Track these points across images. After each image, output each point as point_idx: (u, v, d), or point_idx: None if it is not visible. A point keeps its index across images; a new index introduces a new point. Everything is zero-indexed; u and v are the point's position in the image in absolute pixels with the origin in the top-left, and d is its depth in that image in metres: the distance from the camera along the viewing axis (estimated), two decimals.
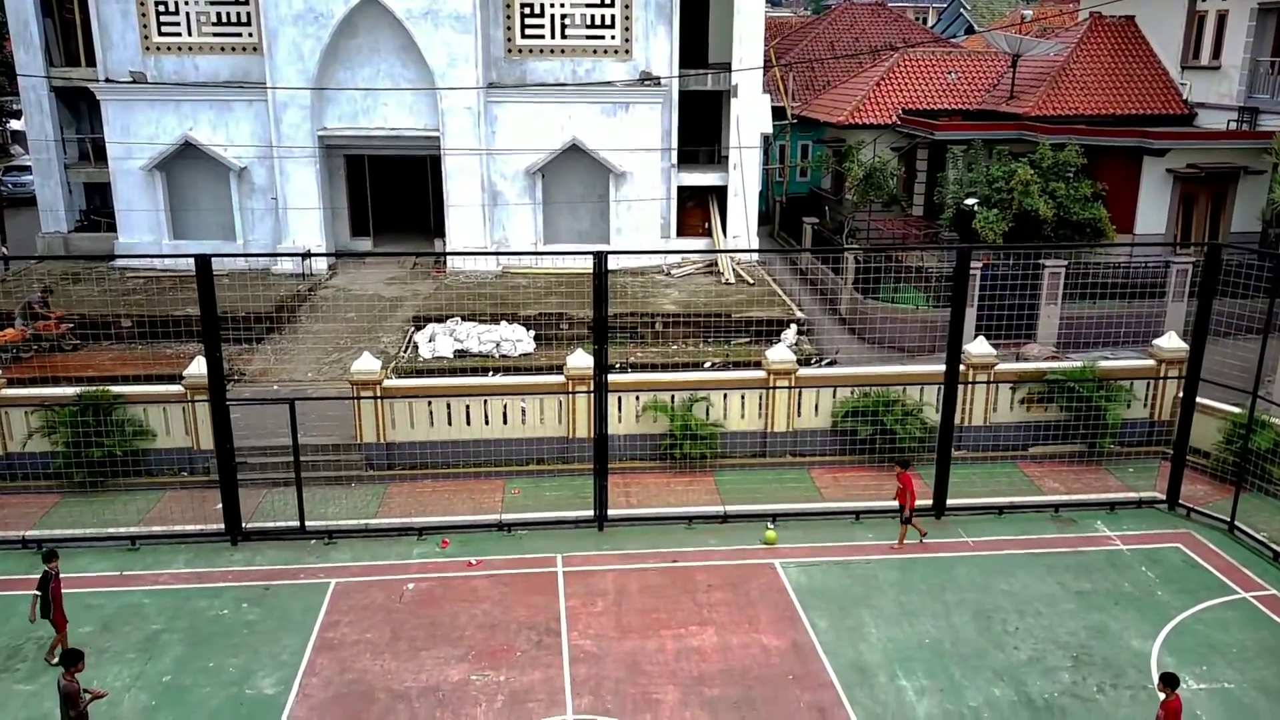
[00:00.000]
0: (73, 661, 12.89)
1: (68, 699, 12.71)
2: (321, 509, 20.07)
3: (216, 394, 18.46)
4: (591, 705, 14.32)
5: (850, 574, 17.95)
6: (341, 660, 15.37)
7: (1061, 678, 15.03)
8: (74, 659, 12.92)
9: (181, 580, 17.72)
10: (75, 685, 12.77)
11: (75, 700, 12.71)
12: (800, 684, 14.83)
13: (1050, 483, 21.65)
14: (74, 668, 12.84)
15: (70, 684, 12.74)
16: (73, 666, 12.84)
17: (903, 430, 21.73)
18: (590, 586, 17.46)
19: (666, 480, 21.48)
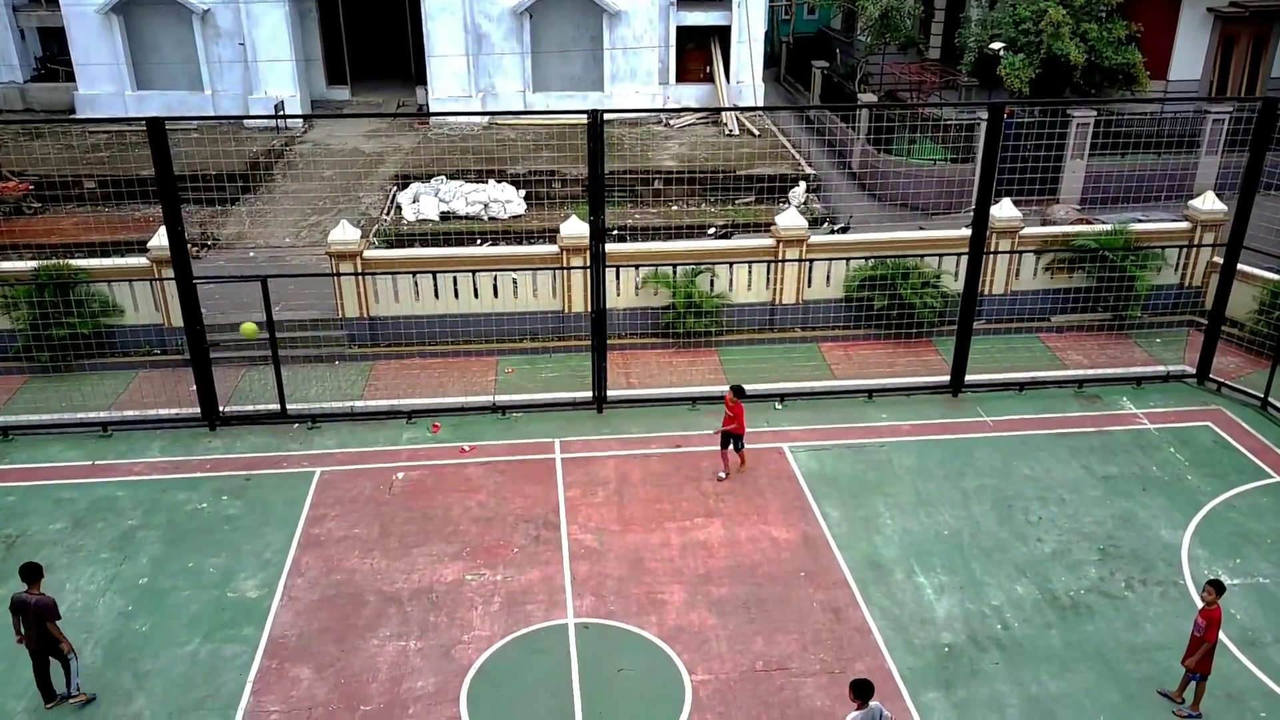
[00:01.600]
0: (36, 576, 11.94)
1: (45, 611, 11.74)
2: (303, 390, 18.97)
3: (182, 272, 17.03)
4: (593, 607, 13.57)
5: (863, 459, 17.01)
6: (328, 559, 14.55)
7: (1088, 573, 14.26)
8: (37, 573, 11.97)
9: (157, 470, 16.75)
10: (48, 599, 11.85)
11: (55, 611, 11.79)
12: (812, 581, 14.06)
13: (1073, 355, 20.52)
14: (36, 584, 11.89)
15: (41, 597, 11.80)
16: (35, 582, 11.89)
17: (919, 302, 20.43)
18: (590, 474, 16.53)
19: (668, 358, 20.31)
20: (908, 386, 19.14)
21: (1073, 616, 13.44)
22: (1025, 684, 12.30)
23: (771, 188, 27.10)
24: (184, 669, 12.52)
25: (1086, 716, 11.84)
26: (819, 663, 12.60)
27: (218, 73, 32.06)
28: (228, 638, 13.05)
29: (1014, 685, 12.28)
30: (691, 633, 13.09)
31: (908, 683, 12.30)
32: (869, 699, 9.81)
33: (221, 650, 12.85)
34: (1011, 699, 12.08)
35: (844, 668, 12.51)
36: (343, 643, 12.97)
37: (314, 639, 13.03)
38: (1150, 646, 12.91)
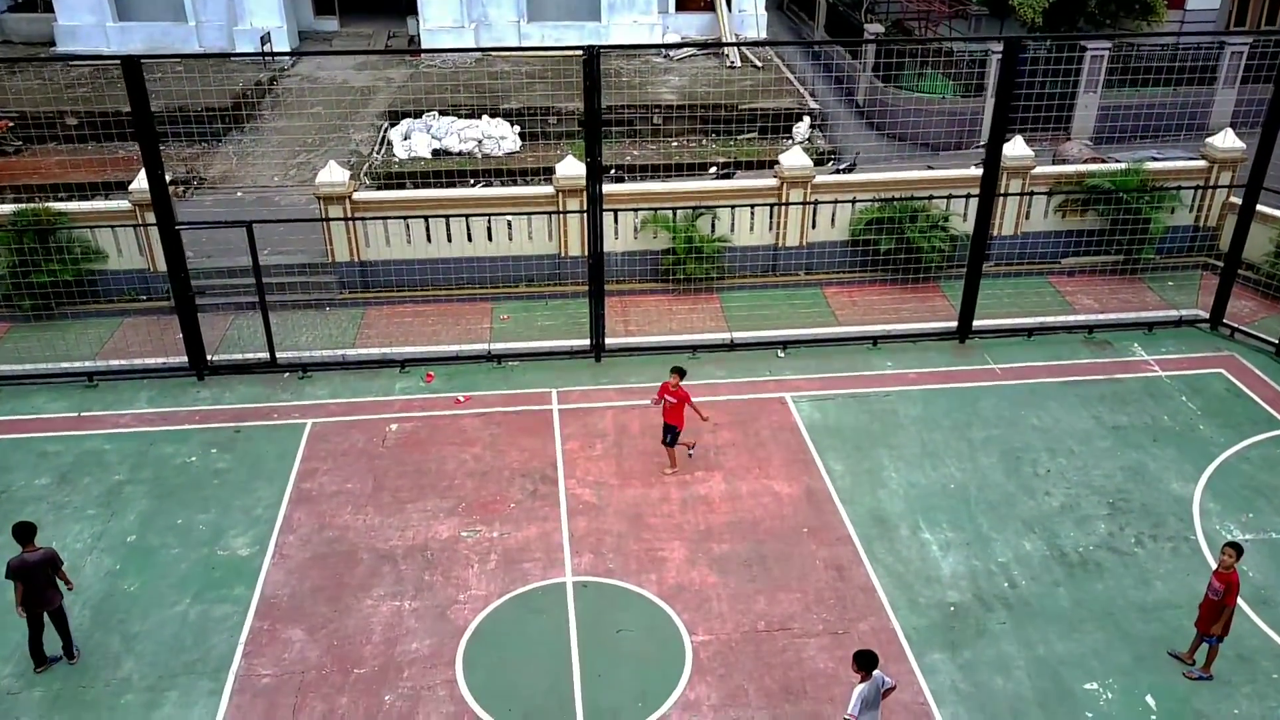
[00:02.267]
0: (29, 535, 11.47)
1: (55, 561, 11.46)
2: (293, 338, 18.49)
3: (164, 218, 16.42)
4: (592, 564, 13.28)
5: (867, 409, 16.61)
6: (320, 515, 14.22)
7: (1097, 528, 13.95)
8: (30, 532, 11.50)
9: (144, 422, 16.35)
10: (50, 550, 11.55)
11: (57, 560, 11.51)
12: (815, 537, 13.75)
13: (1083, 299, 20.00)
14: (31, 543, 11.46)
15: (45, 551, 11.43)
16: (30, 541, 11.44)
17: (926, 244, 19.84)
18: (588, 426, 16.14)
19: (668, 303, 19.79)
20: (914, 333, 18.65)
21: (1081, 574, 13.15)
22: (1033, 644, 12.05)
23: (775, 123, 26.27)
24: (173, 630, 12.25)
25: (1095, 678, 11.60)
26: (822, 623, 12.34)
27: (201, 3, 30.92)
28: (218, 598, 12.77)
29: (1021, 646, 12.02)
30: (692, 591, 12.81)
31: (912, 644, 12.05)
32: (873, 669, 9.52)
33: (211, 611, 12.57)
34: (1018, 660, 11.84)
35: (847, 628, 12.25)
36: (336, 603, 12.69)
37: (306, 599, 12.75)
38: (1160, 605, 12.64)
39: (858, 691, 9.41)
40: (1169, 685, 11.53)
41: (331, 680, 11.59)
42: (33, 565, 11.31)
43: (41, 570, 11.35)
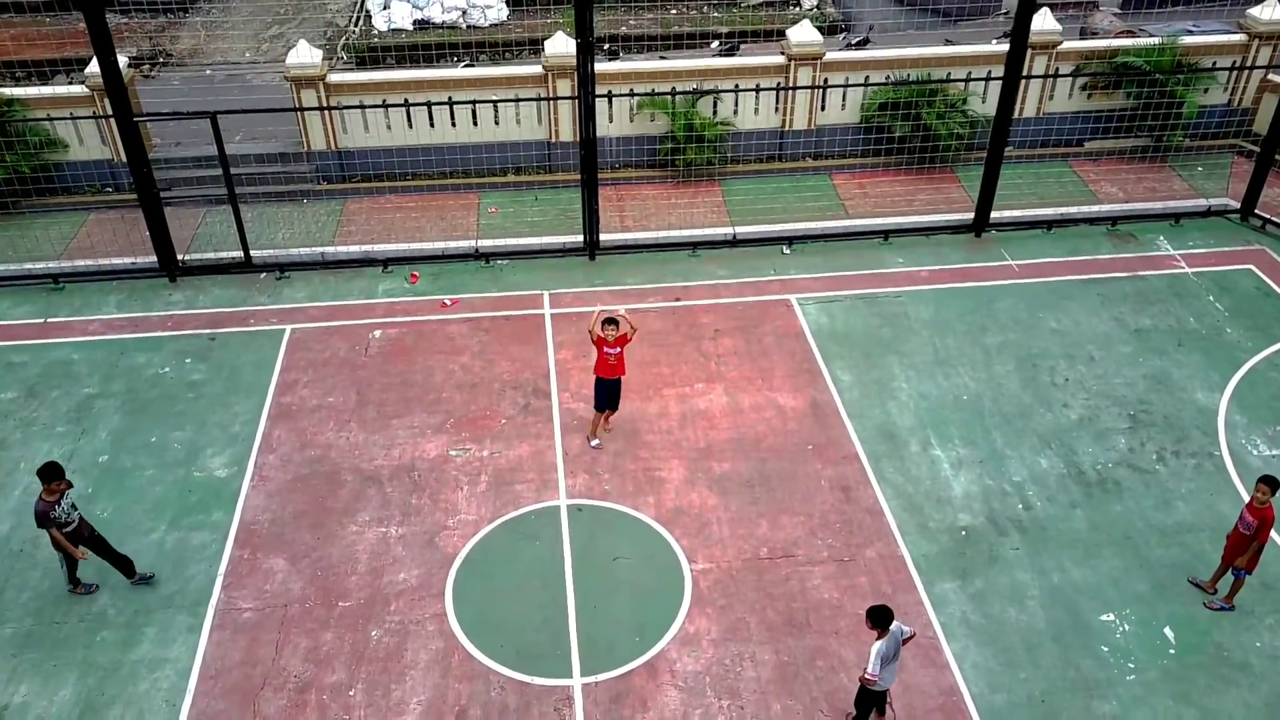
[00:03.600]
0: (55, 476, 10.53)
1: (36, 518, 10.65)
2: (269, 234, 17.45)
3: (121, 109, 15.15)
4: (586, 486, 12.66)
5: (877, 311, 15.73)
6: (301, 432, 13.53)
7: (1116, 443, 13.28)
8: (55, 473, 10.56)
9: (114, 329, 15.49)
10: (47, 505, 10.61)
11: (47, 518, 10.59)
12: (820, 455, 13.10)
13: (1106, 186, 18.86)
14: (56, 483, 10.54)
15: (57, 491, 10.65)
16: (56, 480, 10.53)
17: (943, 128, 18.55)
18: (582, 332, 15.19)
19: (666, 193, 18.64)
20: (927, 227, 17.60)
21: (1099, 494, 12.55)
22: (1047, 572, 11.53)
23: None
24: (149, 560, 11.70)
25: (1111, 609, 11.12)
26: (827, 549, 11.80)
27: None
28: (195, 524, 12.20)
29: (1035, 574, 11.51)
30: (691, 515, 12.23)
31: (921, 572, 11.52)
32: (889, 625, 8.96)
33: (189, 538, 12.01)
34: (1032, 589, 11.34)
35: (853, 555, 11.71)
36: (319, 529, 12.12)
37: (288, 525, 12.18)
38: (1181, 528, 12.07)
39: (876, 650, 8.85)
40: (1189, 616, 11.06)
41: (315, 614, 11.10)
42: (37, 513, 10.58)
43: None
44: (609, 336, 12.47)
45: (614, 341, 12.52)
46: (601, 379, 12.83)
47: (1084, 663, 10.55)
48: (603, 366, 12.70)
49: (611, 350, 12.58)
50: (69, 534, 10.72)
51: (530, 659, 10.60)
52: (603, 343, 12.54)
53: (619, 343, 12.57)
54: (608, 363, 12.66)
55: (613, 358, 12.64)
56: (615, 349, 12.59)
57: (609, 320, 12.54)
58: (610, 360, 12.64)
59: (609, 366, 12.70)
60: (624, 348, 12.67)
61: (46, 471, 10.58)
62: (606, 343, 12.52)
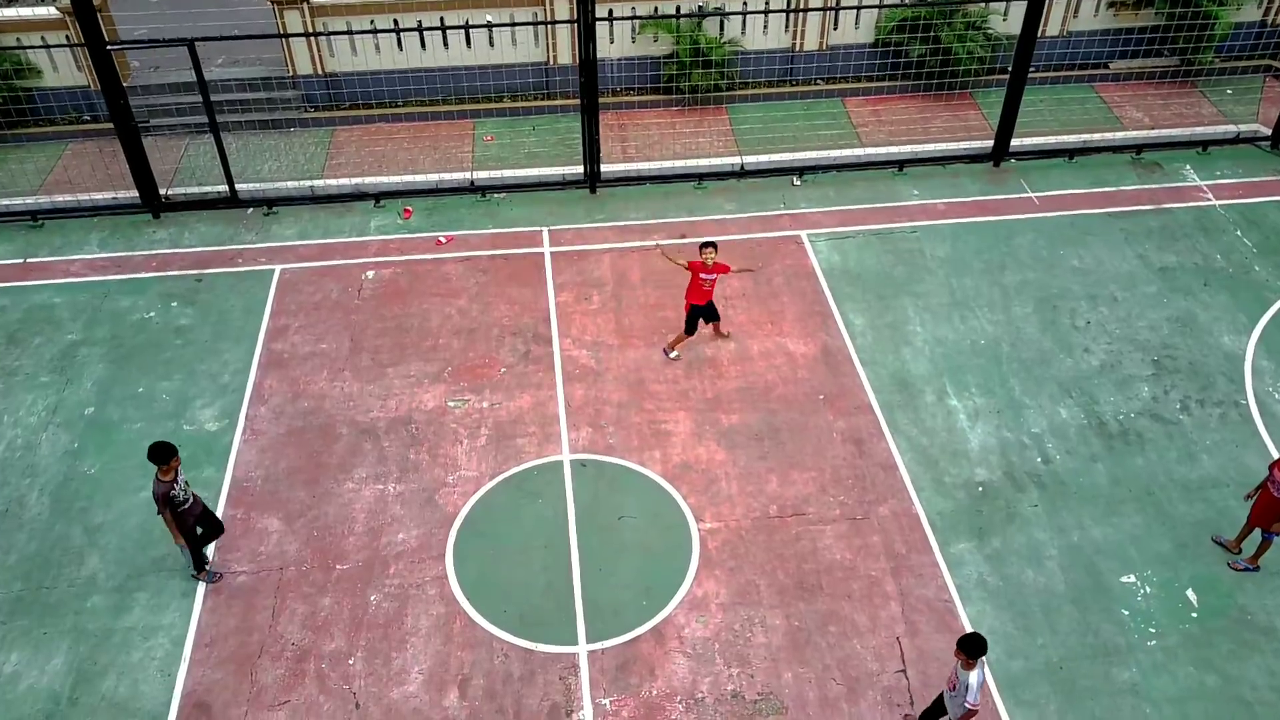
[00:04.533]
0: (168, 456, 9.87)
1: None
2: (255, 166, 16.70)
3: (92, 35, 14.26)
4: (590, 440, 12.22)
5: (891, 248, 15.09)
6: (294, 381, 13.04)
7: (1139, 391, 12.81)
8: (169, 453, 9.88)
9: (97, 269, 14.88)
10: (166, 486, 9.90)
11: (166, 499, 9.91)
12: (832, 406, 12.64)
13: (1131, 111, 18.00)
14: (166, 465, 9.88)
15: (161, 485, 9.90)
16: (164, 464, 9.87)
17: (962, 49, 17.59)
18: (583, 273, 14.68)
19: (670, 119, 17.78)
20: (943, 156, 16.82)
21: (1121, 446, 12.12)
22: (1066, 530, 11.17)
23: None
24: (139, 520, 11.34)
25: (1133, 569, 10.79)
26: (839, 507, 11.42)
27: None
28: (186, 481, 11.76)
29: (1054, 532, 11.15)
30: (699, 470, 11.83)
31: (937, 531, 11.16)
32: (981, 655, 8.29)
33: None
34: (1050, 549, 10.99)
35: (866, 513, 11.34)
36: (314, 486, 11.73)
37: (282, 482, 11.78)
38: (1205, 483, 11.68)
39: (976, 681, 8.19)
40: (1212, 577, 10.73)
41: (312, 578, 10.78)
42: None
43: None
44: (707, 261, 12.32)
45: (712, 267, 12.36)
46: (695, 305, 12.72)
47: (1104, 627, 10.26)
48: (696, 292, 12.61)
49: (708, 276, 12.45)
50: (181, 514, 10.12)
51: (534, 625, 10.30)
52: (700, 267, 12.38)
53: (716, 269, 12.40)
54: (702, 288, 12.58)
55: (708, 283, 12.54)
56: (712, 274, 12.45)
57: (708, 244, 12.37)
58: (705, 286, 12.55)
59: (703, 292, 12.62)
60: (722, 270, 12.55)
61: (159, 452, 9.80)
62: (704, 268, 12.37)
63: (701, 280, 12.49)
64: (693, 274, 12.49)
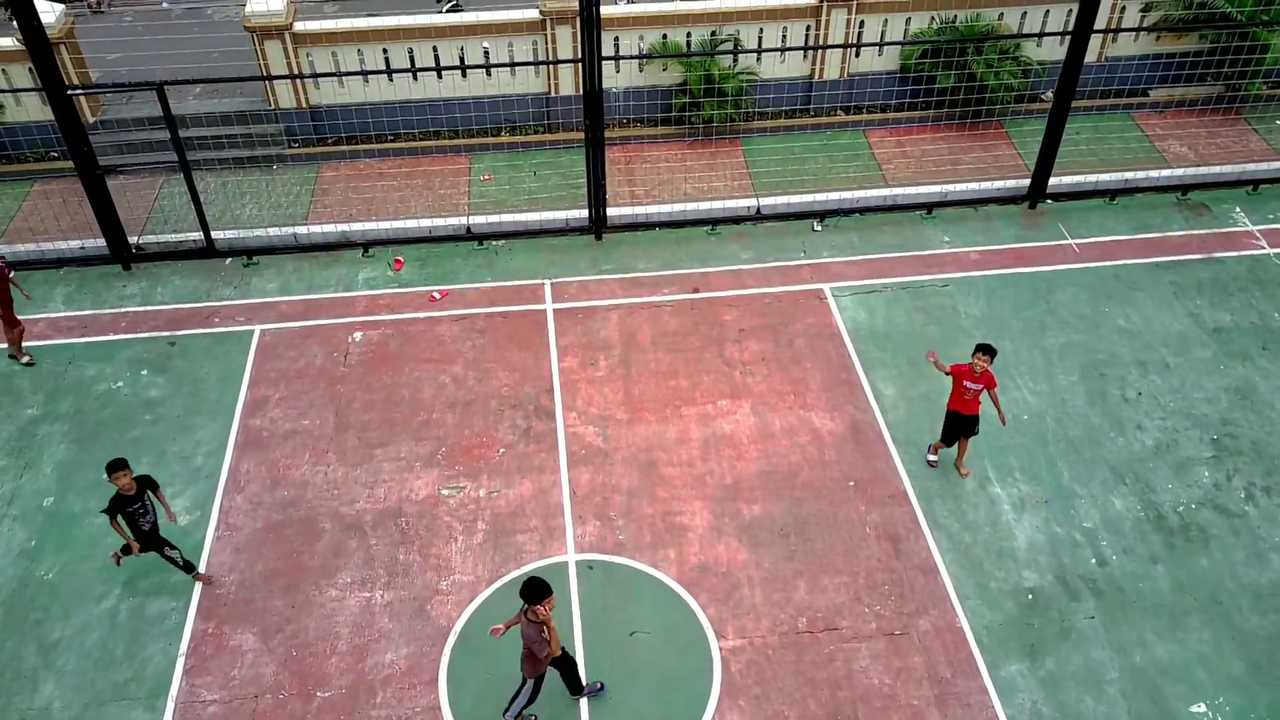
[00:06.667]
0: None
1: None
2: (236, 208, 15.53)
3: (50, 78, 13.05)
4: (598, 536, 11.11)
5: (922, 304, 13.94)
6: (273, 465, 11.91)
7: (1199, 477, 11.69)
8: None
9: (62, 330, 13.73)
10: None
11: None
12: (864, 494, 11.52)
13: (1174, 144, 16.80)
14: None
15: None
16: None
17: (993, 78, 16.38)
18: (589, 333, 13.53)
19: (681, 155, 16.59)
20: (975, 198, 15.64)
21: (1182, 544, 11.01)
22: (1127, 648, 10.07)
23: None
24: (100, 637, 10.23)
25: (1202, 696, 9.70)
26: (875, 619, 10.32)
27: None
28: (153, 587, 10.68)
29: (1114, 650, 10.05)
30: (718, 574, 10.72)
31: (985, 649, 10.06)
32: None
33: (146, 607, 10.51)
34: (1111, 671, 9.89)
35: (905, 626, 10.24)
36: (294, 593, 10.62)
37: (258, 589, 10.67)
38: (1277, 589, 10.57)
39: None
40: None
41: (290, 708, 9.67)
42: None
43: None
44: (975, 368, 10.74)
45: (980, 376, 10.77)
46: (955, 413, 11.21)
47: None
48: (958, 399, 11.10)
49: (973, 385, 10.88)
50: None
51: None
52: (965, 373, 10.86)
53: (984, 380, 10.80)
54: (963, 397, 11.04)
55: (970, 393, 10.97)
56: (977, 385, 10.86)
57: (984, 348, 10.72)
58: (966, 395, 10.99)
59: (964, 401, 11.07)
60: (985, 387, 10.89)
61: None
62: (970, 374, 10.82)
63: (965, 389, 10.98)
64: (956, 380, 11.03)
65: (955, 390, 11.09)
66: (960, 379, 10.96)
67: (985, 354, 10.69)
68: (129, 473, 9.76)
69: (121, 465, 9.73)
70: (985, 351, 10.70)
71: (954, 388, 11.10)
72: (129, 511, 9.91)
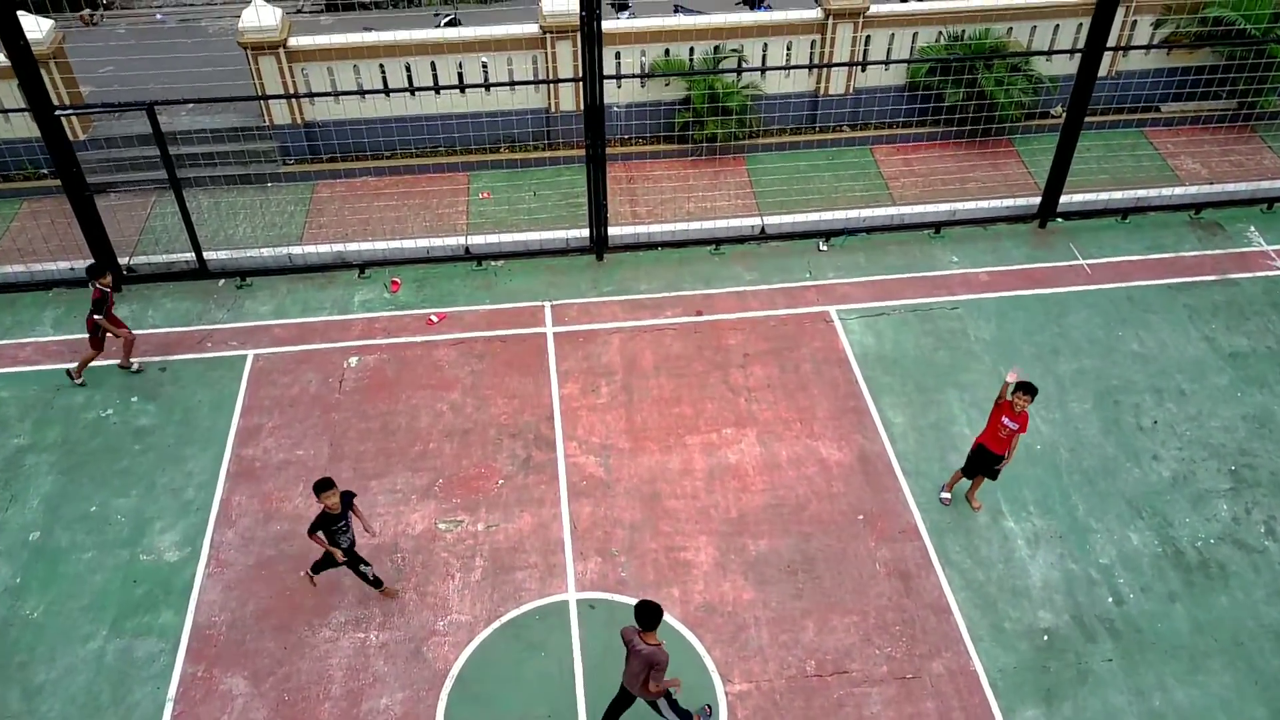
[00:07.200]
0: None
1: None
2: (229, 227, 15.21)
3: (36, 99, 12.73)
4: (599, 573, 10.78)
5: (931, 327, 13.62)
6: (265, 498, 11.58)
7: (1217, 510, 11.37)
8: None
9: (50, 355, 13.40)
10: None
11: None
12: (874, 528, 11.19)
13: (1187, 161, 16.48)
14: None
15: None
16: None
17: (1003, 94, 16.06)
18: (590, 358, 13.21)
19: (683, 172, 16.27)
20: (984, 217, 15.32)
21: (1202, 581, 10.69)
22: (1146, 693, 9.75)
23: None
24: (86, 680, 9.90)
25: None
26: (886, 662, 9.99)
27: None
28: (141, 627, 10.36)
29: (1132, 695, 9.72)
30: (724, 614, 10.40)
31: (1000, 694, 9.73)
32: None
33: (134, 649, 10.18)
34: (1130, 717, 9.55)
35: (918, 669, 9.92)
36: (286, 634, 10.29)
37: (250, 629, 10.34)
38: None
39: None
40: None
41: None
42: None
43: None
44: (1015, 406, 10.34)
45: (1017, 414, 10.38)
46: (984, 448, 10.78)
47: None
48: (991, 436, 10.65)
49: (1009, 424, 10.46)
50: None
51: None
52: (1005, 410, 10.43)
53: (1020, 421, 10.41)
54: (998, 435, 10.59)
55: (1005, 431, 10.54)
56: (1014, 424, 10.45)
57: (1025, 387, 10.31)
58: (1001, 434, 10.56)
59: (998, 440, 10.62)
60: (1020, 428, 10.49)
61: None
62: (1010, 412, 10.40)
63: (1001, 425, 10.53)
64: (995, 414, 10.57)
65: (991, 425, 10.68)
66: (1000, 414, 10.58)
67: (1026, 394, 10.32)
68: (336, 491, 9.59)
69: (329, 485, 9.56)
70: (1026, 391, 10.32)
71: (990, 422, 10.69)
72: (332, 530, 9.77)
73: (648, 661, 8.37)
